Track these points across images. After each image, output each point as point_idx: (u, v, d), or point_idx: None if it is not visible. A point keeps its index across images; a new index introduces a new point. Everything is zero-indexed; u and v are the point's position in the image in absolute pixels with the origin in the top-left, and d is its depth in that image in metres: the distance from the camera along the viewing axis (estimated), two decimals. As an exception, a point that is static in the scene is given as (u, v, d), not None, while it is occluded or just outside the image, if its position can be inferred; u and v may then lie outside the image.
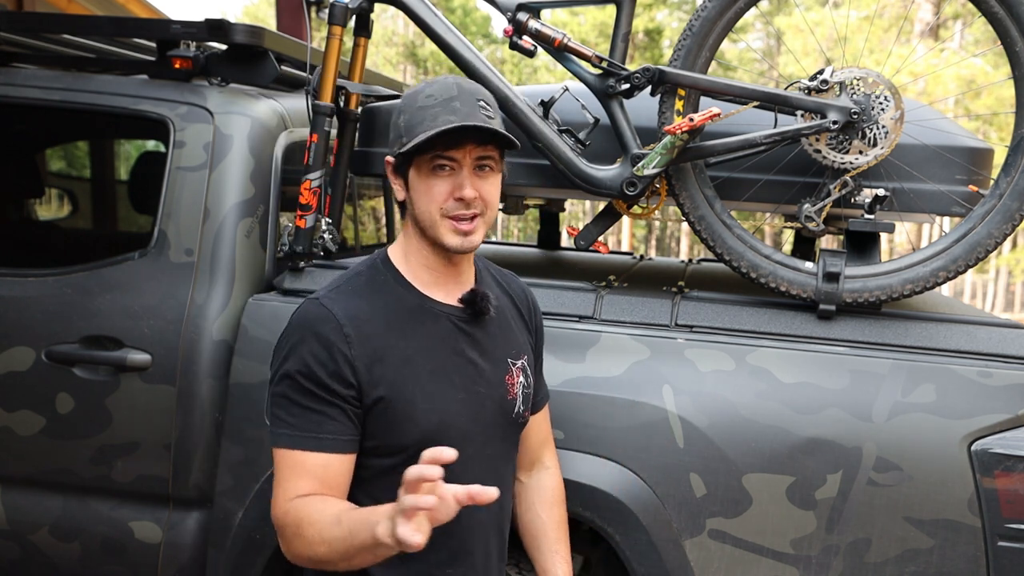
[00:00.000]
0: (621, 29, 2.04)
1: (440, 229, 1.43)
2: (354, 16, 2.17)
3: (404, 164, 1.44)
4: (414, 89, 1.46)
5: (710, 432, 1.83)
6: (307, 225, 2.13)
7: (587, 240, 2.16)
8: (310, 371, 1.36)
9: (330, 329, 1.38)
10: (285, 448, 1.38)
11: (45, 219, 3.95)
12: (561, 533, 1.71)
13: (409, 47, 26.75)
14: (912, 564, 1.78)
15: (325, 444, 1.37)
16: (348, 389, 1.37)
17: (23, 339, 2.14)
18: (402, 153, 1.41)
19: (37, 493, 2.18)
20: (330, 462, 1.37)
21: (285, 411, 1.38)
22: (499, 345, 1.56)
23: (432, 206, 1.42)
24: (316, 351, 1.36)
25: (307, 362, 1.36)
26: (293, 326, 1.42)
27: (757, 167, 2.04)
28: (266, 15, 28.10)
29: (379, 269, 1.50)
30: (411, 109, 1.42)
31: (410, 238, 1.50)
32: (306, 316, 1.41)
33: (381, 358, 1.40)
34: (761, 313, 1.97)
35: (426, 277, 1.49)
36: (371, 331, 1.41)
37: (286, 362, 1.39)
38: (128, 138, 4.06)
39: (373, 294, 1.46)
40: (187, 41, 2.30)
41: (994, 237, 1.90)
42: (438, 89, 1.42)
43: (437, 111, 1.39)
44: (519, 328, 1.64)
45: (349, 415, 1.38)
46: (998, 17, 1.86)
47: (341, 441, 1.38)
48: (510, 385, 1.55)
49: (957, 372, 1.81)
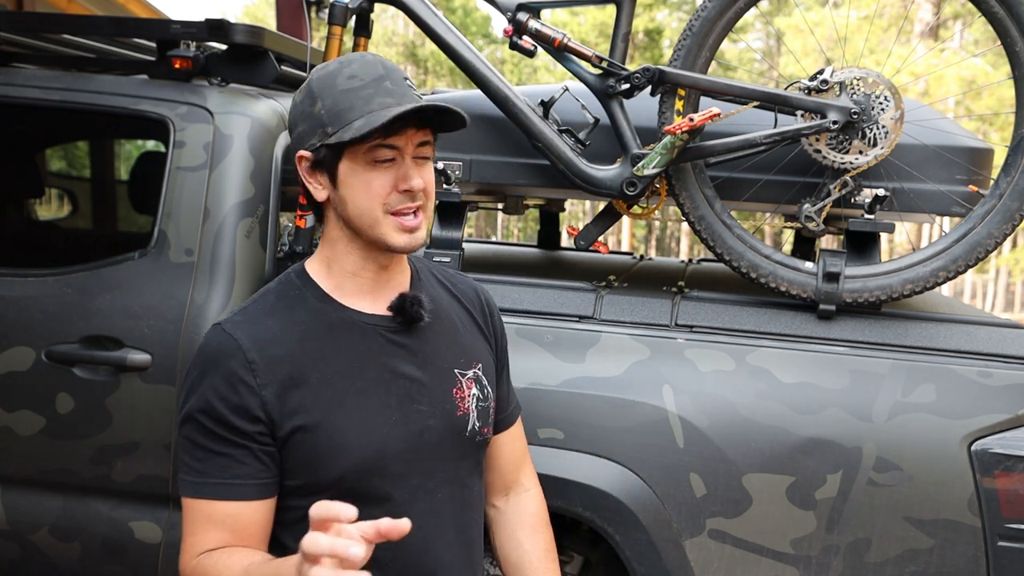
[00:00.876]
0: (621, 29, 2.04)
1: (384, 227, 1.25)
2: (354, 16, 2.17)
3: (331, 158, 1.25)
4: (326, 70, 1.26)
5: (710, 432, 1.83)
6: (307, 225, 2.13)
7: (587, 240, 2.16)
8: (212, 408, 1.20)
9: (231, 358, 1.21)
10: (191, 497, 1.22)
11: (45, 219, 3.94)
12: (548, 563, 1.50)
13: (409, 47, 26.75)
14: (912, 564, 1.78)
15: (233, 491, 1.21)
16: (254, 425, 1.20)
17: (23, 339, 2.14)
18: (332, 145, 1.23)
19: (37, 493, 2.18)
20: (240, 510, 1.21)
21: (189, 455, 1.22)
22: (442, 355, 1.36)
23: (374, 202, 1.24)
24: (217, 385, 1.20)
25: (208, 399, 1.20)
26: (196, 360, 1.25)
27: (757, 167, 2.04)
28: (266, 15, 28.10)
29: (292, 283, 1.32)
30: (332, 93, 1.23)
31: (335, 243, 1.31)
32: (207, 347, 1.24)
33: (295, 383, 1.23)
34: (761, 313, 1.97)
35: (351, 287, 1.31)
36: (282, 353, 1.23)
37: (188, 401, 1.23)
38: (128, 138, 4.06)
39: (285, 311, 1.28)
40: (187, 41, 2.30)
41: (994, 237, 1.90)
42: (360, 69, 1.24)
43: (369, 93, 1.22)
44: (471, 334, 1.44)
45: (258, 455, 1.21)
46: (998, 17, 1.86)
47: (252, 486, 1.21)
48: (459, 399, 1.36)
49: (957, 372, 1.81)
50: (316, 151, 1.26)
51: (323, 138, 1.24)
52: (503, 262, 2.73)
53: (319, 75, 1.26)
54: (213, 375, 1.21)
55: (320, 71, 1.27)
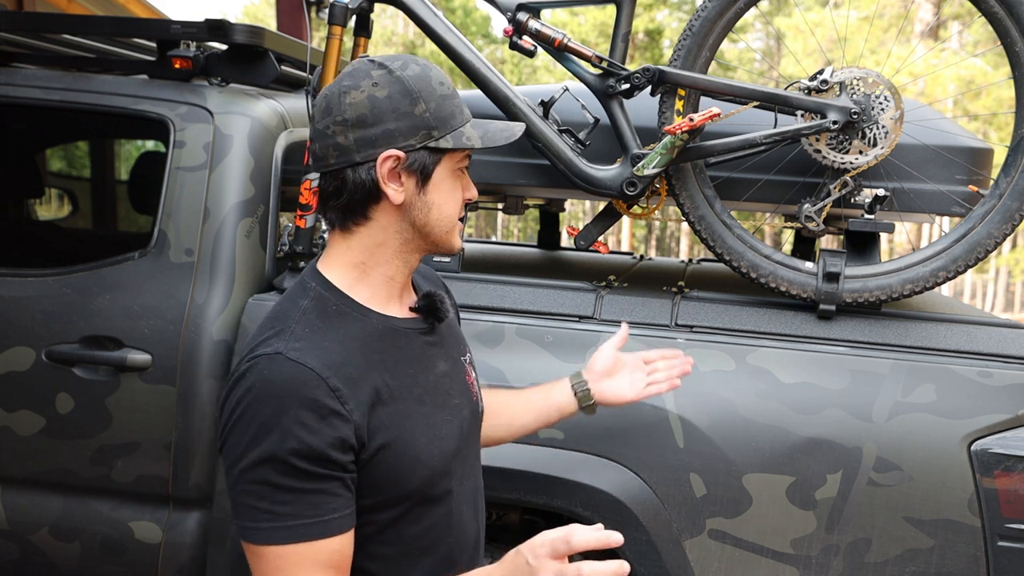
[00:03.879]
0: (621, 29, 2.04)
1: (454, 233, 1.29)
2: (354, 16, 2.17)
3: (431, 162, 1.22)
4: (413, 71, 1.22)
5: (710, 432, 1.83)
6: (307, 225, 2.13)
7: (587, 240, 2.16)
8: (305, 446, 1.09)
9: (314, 388, 1.11)
10: (282, 544, 1.11)
11: (45, 219, 3.95)
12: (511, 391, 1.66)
13: (409, 47, 26.74)
14: (912, 564, 1.78)
15: (334, 526, 1.13)
16: (347, 454, 1.14)
17: (23, 339, 2.14)
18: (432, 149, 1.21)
19: (37, 493, 2.18)
20: (343, 544, 1.15)
21: (270, 502, 1.11)
22: (453, 346, 1.40)
23: (455, 209, 1.27)
24: (305, 420, 1.10)
25: (298, 436, 1.09)
26: (259, 395, 1.12)
27: (757, 167, 2.04)
28: (266, 15, 28.10)
29: (325, 298, 1.24)
30: (434, 97, 1.20)
31: (381, 248, 1.26)
32: (276, 380, 1.12)
33: (373, 402, 1.18)
34: (761, 313, 1.97)
35: (384, 293, 1.28)
36: (355, 374, 1.18)
37: (261, 442, 1.10)
38: (128, 138, 4.06)
39: (336, 329, 1.21)
40: (187, 41, 2.30)
41: (994, 237, 1.90)
42: (440, 75, 1.24)
43: (458, 103, 1.24)
44: (455, 321, 1.49)
45: (348, 484, 1.16)
46: (998, 17, 1.86)
47: (347, 516, 1.15)
48: (471, 384, 1.42)
49: (957, 372, 1.81)
50: (413, 152, 1.20)
51: (426, 140, 1.20)
52: (503, 262, 2.73)
53: (412, 75, 1.20)
54: (296, 410, 1.10)
55: (406, 70, 1.21)
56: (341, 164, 1.20)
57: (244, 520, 1.14)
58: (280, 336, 1.17)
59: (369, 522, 1.21)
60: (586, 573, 1.01)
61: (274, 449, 1.10)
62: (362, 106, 1.18)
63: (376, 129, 1.19)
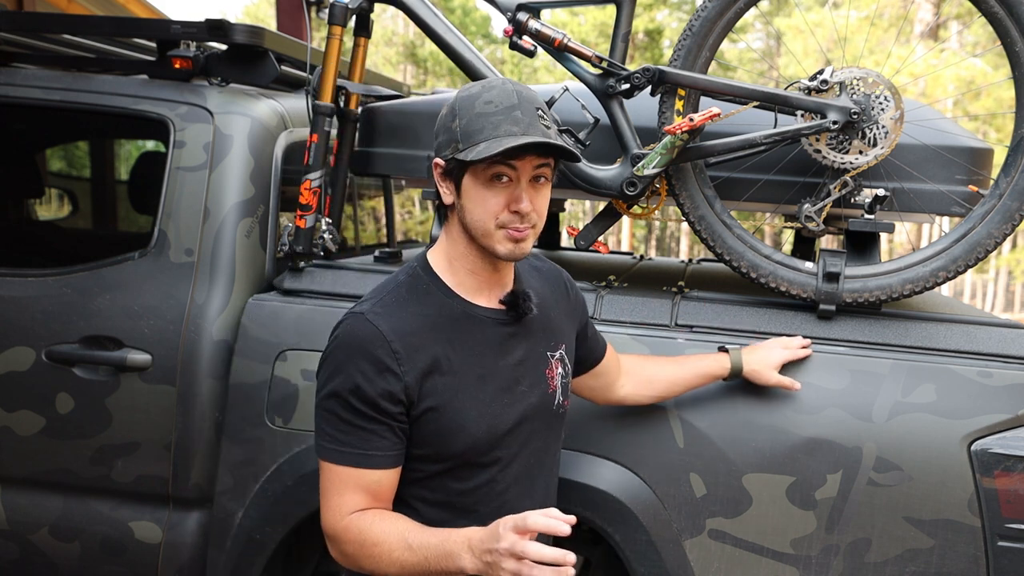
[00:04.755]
0: (621, 29, 2.04)
1: (493, 238, 1.39)
2: (354, 16, 2.18)
3: (458, 171, 1.40)
4: (469, 92, 1.41)
5: (710, 432, 1.83)
6: (307, 225, 2.13)
7: (587, 240, 2.16)
8: (358, 390, 1.35)
9: (378, 347, 1.36)
10: (333, 463, 1.39)
11: (45, 219, 3.95)
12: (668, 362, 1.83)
13: (409, 47, 26.74)
14: (912, 564, 1.78)
15: (374, 461, 1.38)
16: (396, 406, 1.37)
17: (23, 339, 2.14)
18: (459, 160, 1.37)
19: (37, 493, 2.18)
20: (380, 478, 1.39)
21: (333, 427, 1.38)
22: (539, 340, 1.55)
23: (487, 216, 1.38)
24: (365, 370, 1.35)
25: (356, 381, 1.35)
26: (340, 343, 1.39)
27: (757, 167, 2.04)
28: (266, 15, 28.09)
29: (420, 277, 1.46)
30: (469, 114, 1.37)
31: (455, 242, 1.46)
32: (353, 334, 1.38)
33: (430, 370, 1.39)
34: (761, 313, 1.97)
35: (470, 283, 1.46)
36: (419, 343, 1.39)
37: (333, 380, 1.38)
38: (128, 138, 4.06)
39: (416, 304, 1.43)
40: (187, 41, 2.30)
41: (994, 237, 1.90)
42: (498, 95, 1.38)
43: (499, 119, 1.36)
44: (559, 316, 1.62)
45: (396, 431, 1.39)
46: (998, 17, 1.86)
47: (389, 457, 1.39)
48: (550, 378, 1.54)
49: (957, 372, 1.81)
50: (448, 161, 1.40)
51: (454, 152, 1.38)
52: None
53: (463, 95, 1.41)
54: (360, 360, 1.35)
55: (465, 91, 1.42)
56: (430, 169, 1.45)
57: (318, 438, 1.42)
58: (371, 301, 1.43)
59: (418, 469, 1.43)
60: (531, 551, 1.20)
61: (339, 387, 1.36)
62: (438, 120, 1.44)
63: (437, 141, 1.44)
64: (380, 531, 1.36)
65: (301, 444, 1.98)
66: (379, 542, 1.35)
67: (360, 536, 1.37)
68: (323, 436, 1.40)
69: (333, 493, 1.40)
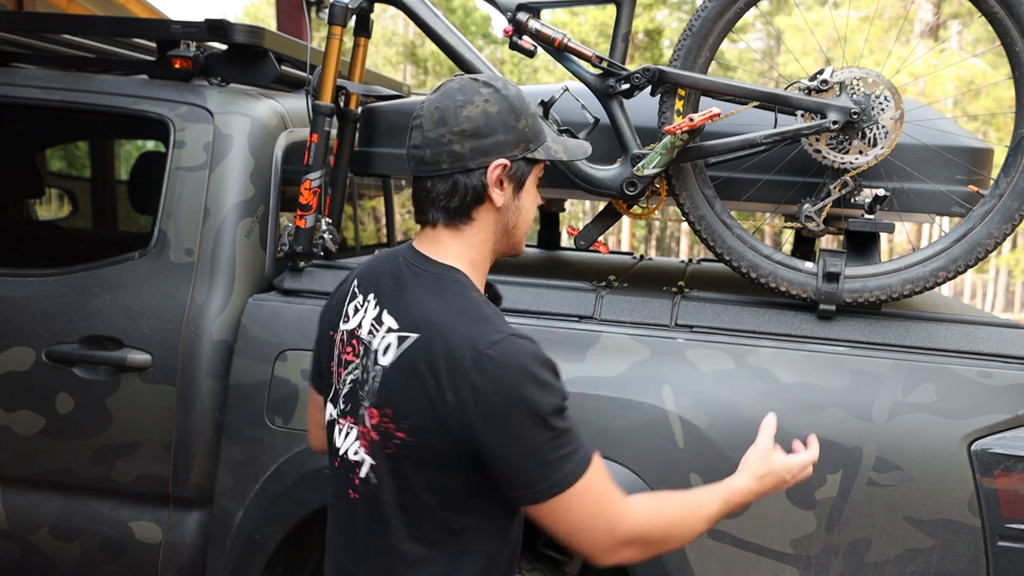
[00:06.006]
0: (621, 29, 2.04)
1: (524, 238, 1.47)
2: (354, 16, 2.17)
3: (526, 170, 1.39)
4: (518, 90, 1.41)
5: (710, 432, 1.83)
6: (307, 225, 2.13)
7: (587, 240, 2.16)
8: (565, 394, 1.35)
9: (546, 354, 1.36)
10: (586, 470, 1.32)
11: (45, 219, 3.95)
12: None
13: (409, 47, 26.74)
14: (912, 564, 1.78)
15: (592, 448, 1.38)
16: None
17: (23, 339, 2.14)
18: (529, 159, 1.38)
19: (37, 493, 2.18)
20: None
21: (570, 445, 1.32)
22: None
23: (532, 216, 1.45)
24: (554, 376, 1.35)
25: (559, 388, 1.34)
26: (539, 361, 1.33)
27: (757, 167, 2.04)
28: (266, 15, 28.10)
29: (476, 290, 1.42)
30: (529, 115, 1.38)
31: (486, 245, 1.42)
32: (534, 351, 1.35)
33: None
34: (761, 313, 1.97)
35: (480, 284, 1.47)
36: None
37: (553, 395, 1.32)
38: (128, 138, 4.06)
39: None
40: (187, 41, 2.30)
41: (994, 237, 1.90)
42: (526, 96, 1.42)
43: (543, 122, 1.42)
44: None
45: None
46: (998, 17, 1.86)
47: None
48: None
49: (957, 372, 1.81)
50: (516, 161, 1.37)
51: (525, 151, 1.37)
52: (503, 262, 2.72)
53: (516, 93, 1.38)
54: (550, 372, 1.34)
55: (513, 88, 1.39)
56: (454, 169, 1.35)
57: (560, 472, 1.30)
58: (491, 323, 1.33)
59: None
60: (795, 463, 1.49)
61: (559, 401, 1.32)
62: (478, 119, 1.34)
63: (489, 140, 1.35)
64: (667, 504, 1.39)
65: (301, 444, 1.98)
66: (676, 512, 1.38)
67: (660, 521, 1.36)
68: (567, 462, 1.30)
69: (608, 497, 1.34)
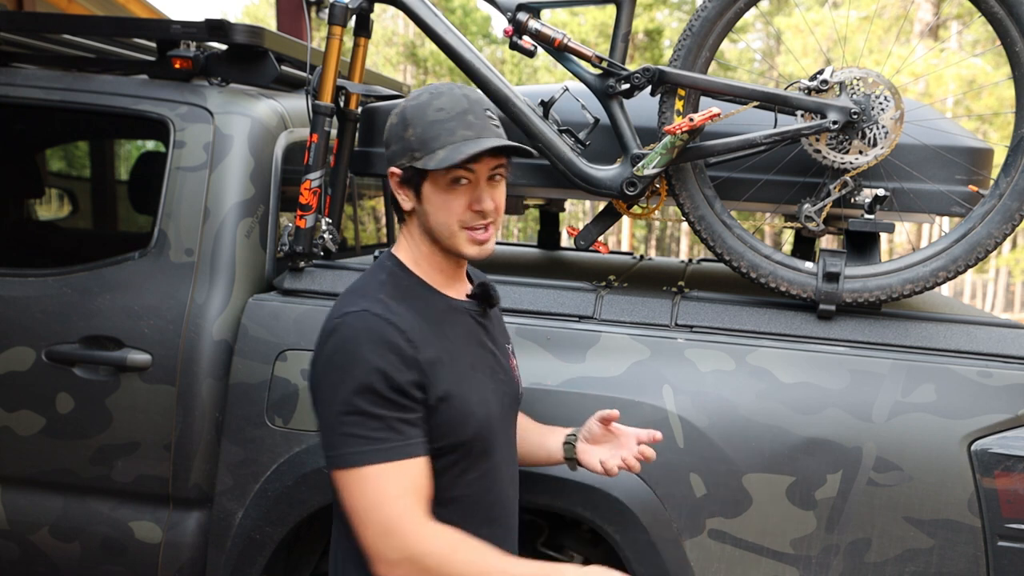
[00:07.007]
0: (621, 29, 2.04)
1: (458, 240, 1.44)
2: (354, 16, 2.17)
3: (417, 178, 1.43)
4: (418, 100, 1.43)
5: (710, 432, 1.83)
6: (307, 225, 2.13)
7: (587, 240, 2.16)
8: (388, 376, 1.31)
9: (393, 335, 1.34)
10: (377, 464, 1.30)
11: (45, 219, 3.95)
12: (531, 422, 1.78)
13: (409, 47, 26.75)
14: (912, 564, 1.78)
15: (414, 449, 1.33)
16: (421, 392, 1.36)
17: (23, 339, 2.14)
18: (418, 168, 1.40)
19: (37, 493, 2.18)
20: (422, 467, 1.35)
21: (363, 427, 1.31)
22: (499, 333, 1.62)
23: (451, 219, 1.42)
24: (386, 356, 1.32)
25: (384, 370, 1.31)
26: (353, 339, 1.34)
27: (757, 167, 2.04)
28: (266, 15, 28.11)
29: (399, 275, 1.47)
30: (422, 123, 1.40)
31: (418, 244, 1.49)
32: (359, 326, 1.35)
33: (436, 360, 1.39)
34: (761, 313, 1.97)
35: (439, 279, 1.50)
36: (424, 334, 1.39)
37: (354, 376, 1.32)
38: (128, 138, 4.06)
39: (408, 298, 1.43)
40: (187, 41, 2.30)
41: (994, 237, 1.90)
42: (448, 102, 1.41)
43: (453, 126, 1.39)
44: (499, 314, 1.70)
45: (422, 419, 1.36)
46: (998, 17, 1.86)
47: (424, 444, 1.36)
48: (513, 368, 1.62)
49: (957, 372, 1.81)
50: (405, 170, 1.43)
51: (411, 161, 1.41)
52: (503, 262, 2.72)
53: (413, 104, 1.44)
54: (379, 348, 1.33)
55: (414, 100, 1.44)
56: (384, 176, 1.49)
57: (342, 449, 1.32)
58: (365, 299, 1.40)
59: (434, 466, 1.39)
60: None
61: (367, 381, 1.31)
62: (388, 130, 1.47)
63: (388, 151, 1.47)
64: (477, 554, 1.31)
65: (301, 444, 1.98)
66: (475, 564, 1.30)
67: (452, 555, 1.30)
68: (352, 443, 1.31)
69: (388, 502, 1.30)
